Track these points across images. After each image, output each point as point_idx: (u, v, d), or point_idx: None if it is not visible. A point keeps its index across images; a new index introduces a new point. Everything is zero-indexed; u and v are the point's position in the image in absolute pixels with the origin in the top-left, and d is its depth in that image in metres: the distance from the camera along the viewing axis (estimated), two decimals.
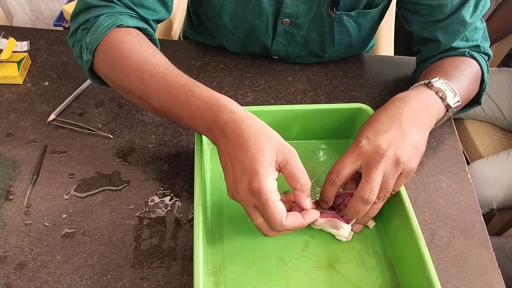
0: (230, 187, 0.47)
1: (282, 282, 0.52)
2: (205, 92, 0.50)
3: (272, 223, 0.45)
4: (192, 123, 0.51)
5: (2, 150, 0.64)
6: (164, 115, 0.55)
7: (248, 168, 0.45)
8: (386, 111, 0.54)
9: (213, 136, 0.49)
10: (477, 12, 0.66)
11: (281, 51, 0.78)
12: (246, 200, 0.45)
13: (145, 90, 0.53)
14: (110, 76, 0.57)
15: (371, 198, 0.49)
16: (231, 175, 0.46)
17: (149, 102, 0.53)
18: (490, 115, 1.34)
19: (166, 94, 0.51)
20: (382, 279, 0.53)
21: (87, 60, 0.58)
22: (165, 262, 0.54)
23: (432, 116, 0.56)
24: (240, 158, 0.45)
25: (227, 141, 0.47)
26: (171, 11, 0.67)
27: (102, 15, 0.58)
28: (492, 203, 1.19)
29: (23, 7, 1.48)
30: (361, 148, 0.50)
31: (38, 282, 0.52)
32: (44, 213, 0.58)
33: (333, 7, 0.69)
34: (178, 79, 0.52)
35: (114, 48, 0.56)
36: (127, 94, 0.57)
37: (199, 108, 0.49)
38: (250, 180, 0.44)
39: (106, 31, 0.56)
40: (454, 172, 0.67)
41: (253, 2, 0.69)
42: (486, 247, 0.59)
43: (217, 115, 0.48)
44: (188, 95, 0.50)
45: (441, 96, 0.58)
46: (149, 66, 0.53)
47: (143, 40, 0.58)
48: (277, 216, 0.44)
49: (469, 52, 0.67)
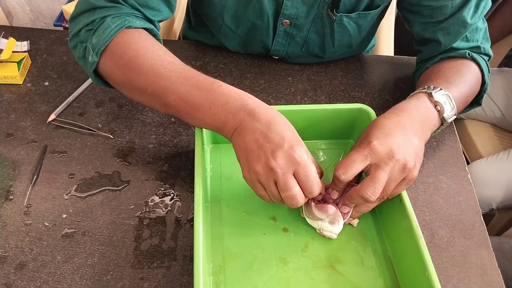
0: (264, 158, 0.47)
1: (282, 282, 0.52)
2: (230, 86, 0.52)
3: (312, 185, 0.47)
4: (212, 111, 0.51)
5: (2, 150, 0.64)
6: (175, 110, 0.54)
7: (289, 136, 0.47)
8: (389, 118, 0.54)
9: (237, 121, 0.49)
10: (478, 13, 0.66)
11: (281, 51, 0.78)
12: (285, 167, 0.46)
13: (161, 85, 0.53)
14: (120, 75, 0.56)
15: (372, 198, 0.49)
16: (267, 145, 0.47)
17: (163, 96, 0.53)
18: (490, 115, 1.34)
19: (188, 86, 0.52)
20: (382, 279, 0.53)
21: (92, 61, 0.57)
22: (165, 262, 0.54)
23: (427, 131, 0.57)
24: (277, 130, 0.47)
25: (258, 120, 0.48)
26: (174, 10, 0.67)
27: (109, 16, 0.57)
28: (492, 203, 1.19)
29: (23, 7, 1.48)
30: (372, 148, 0.50)
31: (38, 282, 0.52)
32: (44, 213, 0.58)
33: (333, 9, 0.69)
34: (199, 74, 0.54)
35: (126, 47, 0.56)
36: (137, 92, 0.56)
37: (226, 96, 0.50)
38: (293, 146, 0.46)
39: (115, 33, 0.56)
40: (454, 172, 0.67)
41: (254, 2, 0.69)
42: (486, 247, 0.59)
43: (246, 101, 0.50)
44: (214, 85, 0.51)
45: (439, 110, 0.58)
46: (166, 63, 0.54)
47: (154, 40, 0.59)
48: (316, 181, 0.48)
49: (469, 53, 0.67)
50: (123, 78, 0.56)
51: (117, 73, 0.56)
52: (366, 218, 0.59)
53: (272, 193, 0.48)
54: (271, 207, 0.58)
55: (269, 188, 0.48)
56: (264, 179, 0.47)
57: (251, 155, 0.48)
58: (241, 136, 0.49)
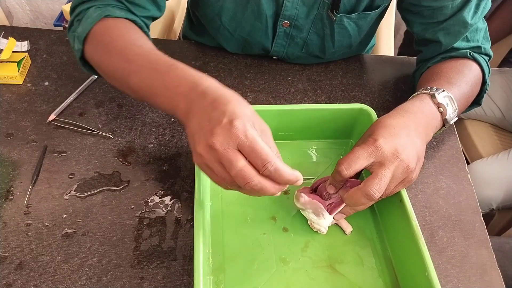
0: (204, 138, 0.42)
1: (282, 282, 0.52)
2: (188, 68, 0.49)
3: (261, 155, 0.41)
4: (167, 94, 0.48)
5: (2, 150, 0.64)
6: (139, 93, 0.53)
7: (230, 111, 0.42)
8: (395, 118, 0.54)
9: (188, 104, 0.46)
10: (478, 13, 0.66)
11: (281, 52, 0.78)
12: (225, 142, 0.41)
13: (127, 68, 0.53)
14: (98, 62, 0.59)
15: (376, 196, 0.49)
16: (207, 124, 0.42)
17: (128, 79, 0.53)
18: (490, 115, 1.34)
19: (148, 69, 0.51)
20: (382, 279, 0.53)
21: (77, 49, 0.60)
22: (165, 262, 0.54)
23: (430, 133, 0.57)
24: (219, 107, 0.43)
25: (205, 100, 0.44)
26: (163, 10, 0.68)
27: (92, 7, 0.60)
28: (492, 203, 1.19)
29: (23, 7, 1.48)
30: (378, 146, 0.50)
31: (38, 282, 0.52)
32: (44, 213, 0.58)
33: (333, 10, 0.69)
34: (163, 57, 0.52)
35: (102, 34, 0.58)
36: (112, 78, 0.58)
37: (179, 78, 0.48)
38: (232, 120, 0.41)
39: (94, 21, 0.58)
40: (454, 172, 0.67)
41: (252, 4, 0.69)
42: (486, 247, 0.59)
43: (198, 82, 0.46)
44: (171, 68, 0.50)
45: (442, 111, 0.58)
46: (135, 47, 0.55)
47: (131, 26, 0.60)
48: (267, 151, 0.41)
49: (470, 53, 0.67)
50: (101, 65, 0.58)
51: (96, 60, 0.59)
52: (366, 218, 0.59)
53: (222, 176, 0.43)
54: (271, 207, 0.58)
55: (217, 170, 0.43)
56: (208, 161, 0.43)
57: (194, 138, 0.44)
58: (189, 119, 0.45)
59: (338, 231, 0.57)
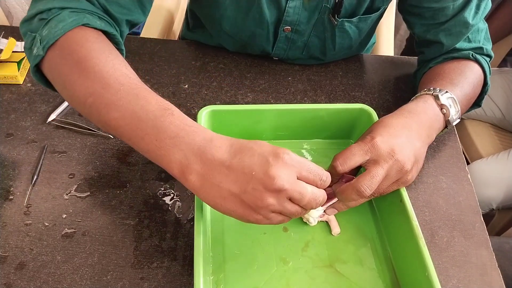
0: (262, 187, 0.40)
1: (282, 282, 0.52)
2: (183, 116, 0.45)
3: (319, 175, 0.43)
4: (157, 143, 0.43)
5: (2, 150, 0.64)
6: (115, 132, 0.47)
7: (265, 151, 0.41)
8: (396, 118, 0.54)
9: (191, 165, 0.42)
10: (479, 14, 0.66)
11: (282, 54, 0.78)
12: (289, 176, 0.40)
13: (105, 97, 0.46)
14: (63, 76, 0.49)
15: (366, 193, 0.49)
16: (253, 173, 0.40)
17: (104, 111, 0.46)
18: (490, 115, 1.34)
19: (136, 106, 0.45)
20: (382, 279, 0.53)
21: (37, 55, 0.50)
22: (165, 262, 0.54)
23: (432, 135, 0.57)
24: (250, 152, 0.41)
25: (221, 151, 0.42)
26: (147, 14, 0.62)
27: (67, 9, 0.51)
28: (492, 203, 1.19)
29: (23, 7, 1.48)
30: (374, 144, 0.50)
31: (38, 282, 0.52)
32: (44, 213, 0.58)
33: (335, 14, 0.69)
34: (153, 95, 0.46)
35: (79, 45, 0.49)
36: (76, 100, 0.49)
37: (176, 126, 0.43)
38: (277, 154, 0.40)
39: (69, 28, 0.50)
40: (454, 172, 0.67)
41: (254, 11, 0.69)
42: (486, 247, 0.59)
43: (201, 134, 0.43)
44: (166, 112, 0.44)
45: (445, 112, 0.58)
46: (118, 74, 0.47)
47: (112, 47, 0.52)
48: (315, 166, 0.43)
49: (473, 55, 0.67)
50: (66, 80, 0.49)
51: (62, 73, 0.49)
52: (366, 218, 0.59)
53: (291, 212, 0.42)
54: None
55: (286, 209, 0.42)
56: (276, 207, 0.41)
57: (245, 196, 0.40)
58: (206, 179, 0.42)
59: None
